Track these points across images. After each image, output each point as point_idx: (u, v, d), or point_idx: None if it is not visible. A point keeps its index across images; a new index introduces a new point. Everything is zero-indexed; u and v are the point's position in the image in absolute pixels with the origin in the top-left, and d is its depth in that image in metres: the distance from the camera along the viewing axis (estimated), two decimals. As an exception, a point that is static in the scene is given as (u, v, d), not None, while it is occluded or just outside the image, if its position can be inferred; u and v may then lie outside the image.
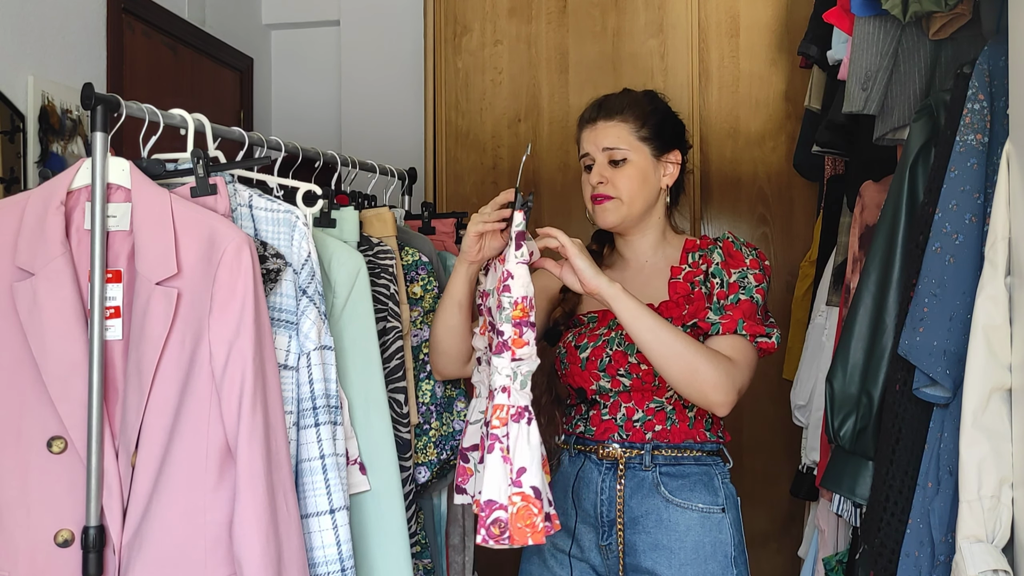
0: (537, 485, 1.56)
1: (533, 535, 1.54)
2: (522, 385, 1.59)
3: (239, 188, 1.63)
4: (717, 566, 1.78)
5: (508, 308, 1.59)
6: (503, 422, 1.57)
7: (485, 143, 3.36)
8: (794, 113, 3.15)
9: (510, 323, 1.58)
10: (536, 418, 1.74)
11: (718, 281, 1.82)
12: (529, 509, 1.54)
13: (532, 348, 1.60)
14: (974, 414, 1.34)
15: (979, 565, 1.29)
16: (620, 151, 1.86)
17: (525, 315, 1.59)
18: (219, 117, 2.11)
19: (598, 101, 1.92)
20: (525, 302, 1.59)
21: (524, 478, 1.55)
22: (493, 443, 1.56)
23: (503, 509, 1.54)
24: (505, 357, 1.58)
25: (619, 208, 1.86)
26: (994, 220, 1.38)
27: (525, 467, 1.56)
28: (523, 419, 1.58)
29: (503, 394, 1.58)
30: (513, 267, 1.60)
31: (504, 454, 1.56)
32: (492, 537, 1.54)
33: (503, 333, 1.59)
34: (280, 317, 1.59)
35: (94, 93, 1.51)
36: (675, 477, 1.81)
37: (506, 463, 1.56)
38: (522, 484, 1.55)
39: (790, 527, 3.14)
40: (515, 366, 1.58)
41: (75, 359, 1.50)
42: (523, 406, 1.58)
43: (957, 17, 1.73)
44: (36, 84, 2.54)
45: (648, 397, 1.82)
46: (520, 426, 1.57)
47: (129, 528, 1.48)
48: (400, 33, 3.94)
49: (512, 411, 1.58)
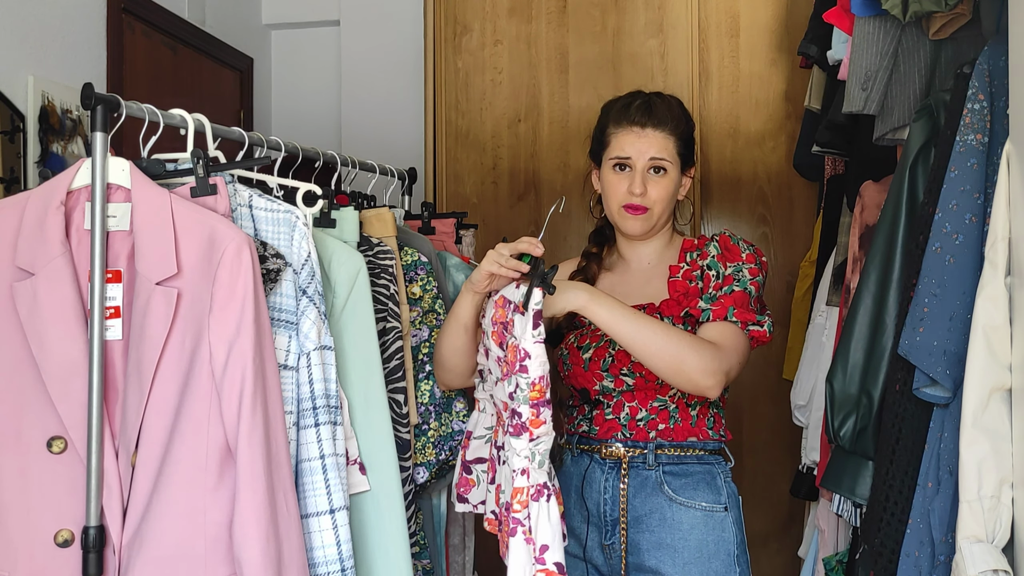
0: (560, 561, 1.56)
1: None
2: (540, 465, 1.58)
3: (239, 188, 1.63)
4: (720, 564, 1.78)
5: (526, 389, 1.55)
6: (524, 505, 1.57)
7: (485, 143, 3.36)
8: (794, 113, 3.16)
9: (527, 404, 1.55)
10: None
11: (713, 273, 1.83)
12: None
13: (549, 425, 1.58)
14: (974, 414, 1.34)
15: (979, 565, 1.29)
16: (664, 162, 1.84)
17: (542, 395, 1.56)
18: (219, 117, 2.11)
19: (644, 104, 1.87)
20: (542, 382, 1.56)
21: (547, 555, 1.56)
22: (516, 527, 1.56)
23: None
24: (523, 439, 1.56)
25: (650, 219, 1.86)
26: (994, 220, 1.38)
27: (548, 545, 1.56)
28: (542, 497, 1.57)
29: (523, 476, 1.57)
30: (530, 347, 1.55)
31: (527, 535, 1.56)
32: None
33: (520, 415, 1.56)
34: (280, 317, 1.59)
35: (94, 93, 1.51)
36: (678, 476, 1.82)
37: (529, 544, 1.56)
38: (545, 561, 1.55)
39: (790, 527, 3.15)
40: (533, 446, 1.57)
41: (75, 359, 1.50)
42: (541, 484, 1.58)
43: (957, 17, 1.73)
44: (36, 84, 2.54)
45: (651, 396, 1.83)
46: (540, 504, 1.57)
47: (129, 528, 1.48)
48: (400, 33, 3.94)
49: (532, 491, 1.57)
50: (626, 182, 1.84)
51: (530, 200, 3.32)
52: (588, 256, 1.97)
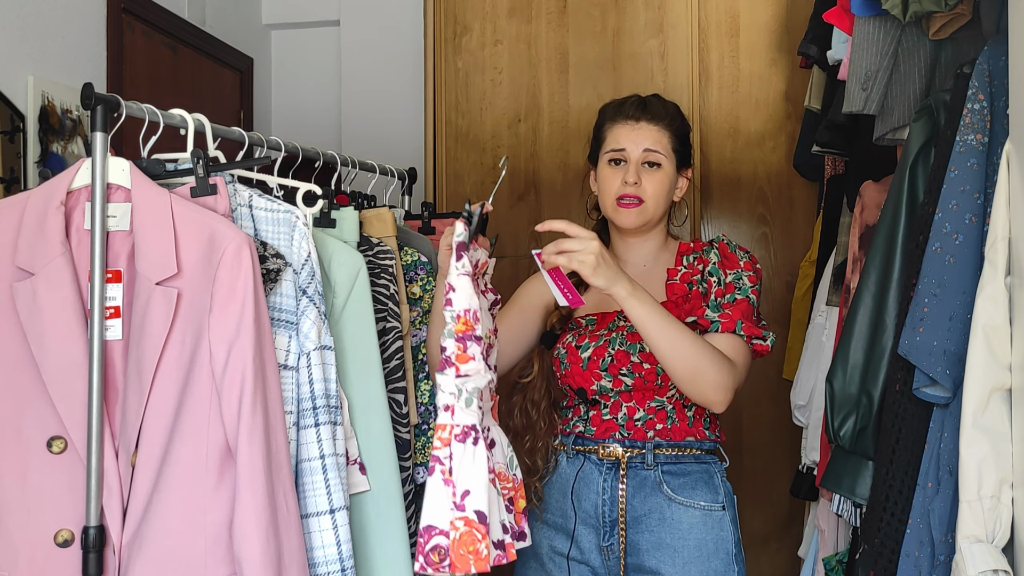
0: (482, 509, 1.47)
1: (476, 562, 1.45)
2: (467, 403, 1.50)
3: (239, 188, 1.63)
4: (719, 563, 1.79)
5: (451, 323, 1.51)
6: (445, 443, 1.48)
7: (485, 143, 3.36)
8: (794, 113, 3.15)
9: (452, 338, 1.51)
10: (532, 426, 1.73)
11: (715, 280, 1.84)
12: (473, 535, 1.45)
13: (479, 363, 1.51)
14: (974, 414, 1.34)
15: (979, 565, 1.29)
16: (659, 155, 1.86)
17: (469, 328, 1.51)
18: (219, 117, 2.11)
19: (639, 101, 1.91)
20: (468, 315, 1.52)
21: (468, 501, 1.46)
22: (434, 465, 1.48)
23: (444, 535, 1.45)
24: (448, 374, 1.50)
25: (644, 212, 1.86)
26: (994, 220, 1.38)
27: (469, 490, 1.47)
28: (469, 438, 1.49)
29: (446, 413, 1.50)
30: (455, 279, 1.53)
31: (445, 476, 1.47)
32: (431, 564, 1.45)
33: (445, 350, 1.51)
34: (280, 317, 1.59)
35: (94, 93, 1.51)
36: (677, 475, 1.82)
37: (448, 485, 1.47)
38: (465, 508, 1.46)
39: (790, 527, 3.14)
40: (460, 383, 1.50)
41: (75, 359, 1.50)
42: (469, 425, 1.50)
43: (957, 17, 1.73)
44: (36, 84, 2.54)
45: (649, 396, 1.83)
46: (465, 446, 1.49)
47: (129, 528, 1.48)
48: (400, 33, 3.94)
49: (456, 431, 1.49)
50: (620, 175, 1.86)
51: (530, 200, 3.32)
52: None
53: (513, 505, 1.63)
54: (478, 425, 1.51)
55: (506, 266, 3.21)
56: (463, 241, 1.56)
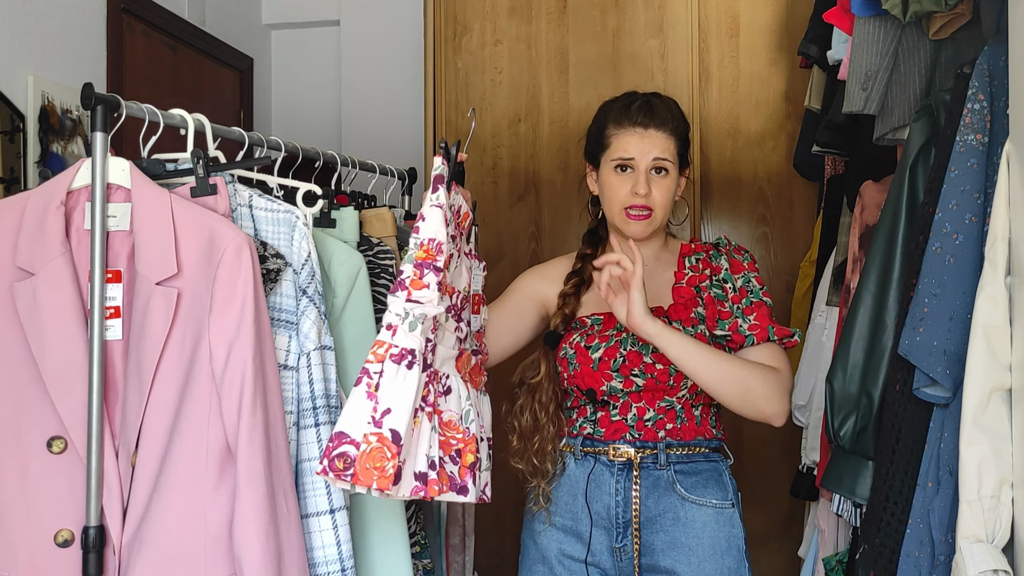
0: (399, 430, 1.47)
1: (380, 479, 1.45)
2: (411, 327, 1.51)
3: (239, 188, 1.63)
4: (732, 560, 1.80)
5: (413, 248, 1.55)
6: (379, 359, 1.49)
7: (485, 143, 3.36)
8: (794, 113, 3.15)
9: (411, 263, 1.54)
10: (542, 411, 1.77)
11: (731, 286, 1.85)
12: (383, 452, 1.45)
13: (433, 293, 1.53)
14: (974, 414, 1.34)
15: (979, 565, 1.29)
16: (667, 162, 1.84)
17: (430, 258, 1.54)
18: (219, 117, 2.11)
19: (645, 104, 1.87)
20: (432, 244, 1.55)
21: (386, 419, 1.47)
22: (362, 377, 1.48)
23: (354, 445, 1.45)
24: (400, 296, 1.52)
25: (653, 222, 1.85)
26: (994, 220, 1.38)
27: (391, 409, 1.47)
28: (404, 361, 1.50)
29: (387, 331, 1.51)
30: (427, 210, 1.57)
31: (370, 390, 1.48)
32: (333, 470, 1.44)
33: (402, 272, 1.54)
34: (280, 317, 1.59)
35: (94, 93, 1.51)
36: (688, 475, 1.82)
37: (370, 399, 1.47)
38: (382, 425, 1.46)
39: (790, 527, 3.14)
40: (409, 307, 1.52)
41: (75, 359, 1.50)
42: (409, 349, 1.51)
43: (957, 17, 1.73)
44: (36, 84, 2.54)
45: (659, 396, 1.82)
46: (399, 368, 1.49)
47: (129, 528, 1.48)
48: (400, 33, 3.94)
49: (394, 351, 1.50)
50: (628, 183, 1.83)
51: (530, 200, 3.32)
52: (583, 257, 1.95)
53: (460, 458, 1.63)
54: (418, 351, 1.52)
55: (506, 266, 3.21)
56: (440, 174, 1.60)
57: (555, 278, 1.95)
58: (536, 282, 1.97)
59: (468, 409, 1.67)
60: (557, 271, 1.97)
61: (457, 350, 1.69)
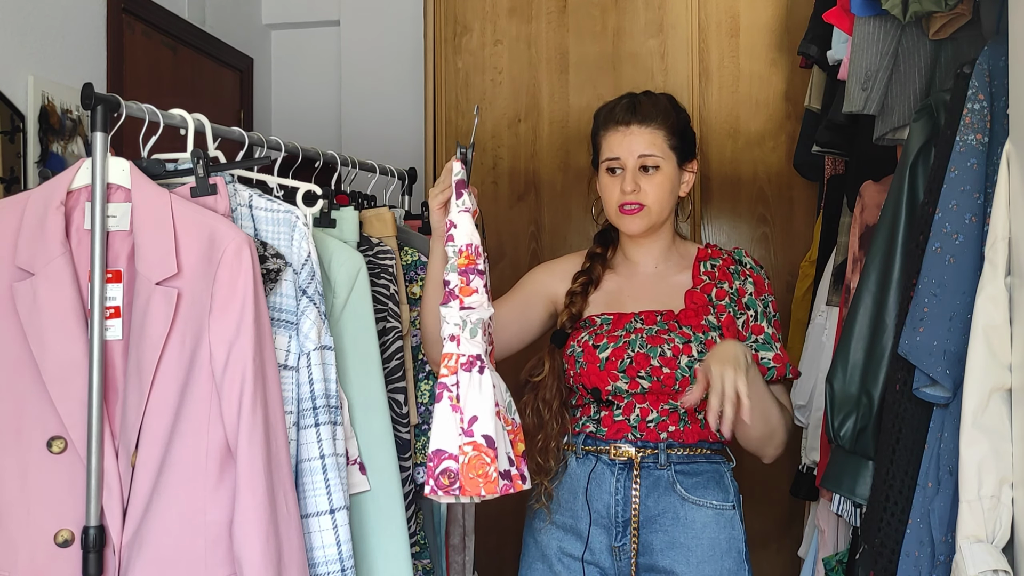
0: (490, 434, 1.51)
1: (486, 485, 1.50)
2: (471, 334, 1.56)
3: (239, 188, 1.63)
4: (732, 562, 1.80)
5: (453, 257, 1.58)
6: (452, 371, 1.54)
7: (485, 143, 3.36)
8: (794, 113, 3.15)
9: (456, 272, 1.57)
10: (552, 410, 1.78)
11: (752, 313, 1.86)
12: (482, 459, 1.50)
13: (482, 296, 1.57)
14: (974, 414, 1.34)
15: (979, 565, 1.29)
16: (654, 158, 1.84)
17: (471, 263, 1.58)
18: (219, 117, 2.11)
19: (629, 103, 1.88)
20: (470, 249, 1.58)
21: (476, 427, 1.51)
22: (442, 392, 1.53)
23: (453, 459, 1.50)
24: (453, 307, 1.56)
25: (648, 216, 1.85)
26: (994, 220, 1.38)
27: (477, 416, 1.52)
28: (475, 368, 1.54)
29: (451, 343, 1.55)
30: (456, 216, 1.60)
31: (453, 403, 1.52)
32: (441, 488, 1.50)
33: (449, 283, 1.57)
34: (280, 317, 1.59)
35: (94, 93, 1.51)
36: (689, 475, 1.82)
37: (455, 412, 1.52)
38: (473, 433, 1.51)
39: (790, 527, 3.14)
40: (464, 315, 1.56)
41: (75, 359, 1.50)
42: (475, 355, 1.55)
43: (957, 17, 1.73)
44: (36, 84, 2.54)
45: (663, 399, 1.82)
46: (472, 375, 1.54)
47: (129, 528, 1.48)
48: (400, 33, 3.94)
49: (463, 360, 1.54)
50: (619, 183, 1.84)
51: (530, 200, 3.32)
52: (593, 257, 1.96)
53: (513, 448, 1.64)
54: (483, 355, 1.56)
55: (506, 266, 3.21)
56: (462, 179, 1.63)
57: (565, 275, 1.95)
58: (546, 277, 1.97)
59: (510, 400, 1.69)
60: (568, 268, 1.97)
61: (490, 344, 1.71)
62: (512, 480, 1.57)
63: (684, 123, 1.91)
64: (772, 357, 1.84)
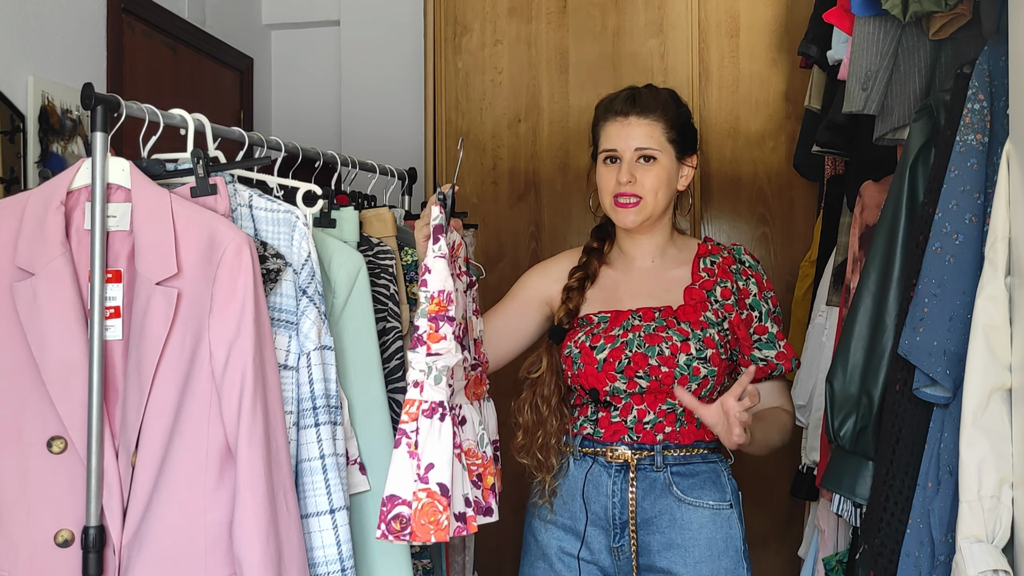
0: (445, 482, 1.53)
1: (436, 532, 1.52)
2: (436, 381, 1.56)
3: (239, 188, 1.63)
4: (729, 561, 1.80)
5: (424, 303, 1.58)
6: (412, 417, 1.55)
7: (485, 143, 3.36)
8: (794, 113, 3.15)
9: (425, 318, 1.57)
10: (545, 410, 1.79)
11: (757, 314, 1.87)
12: (435, 506, 1.52)
13: (450, 343, 1.57)
14: (974, 414, 1.34)
15: (979, 565, 1.29)
16: (652, 150, 1.84)
17: (442, 310, 1.57)
18: (219, 117, 2.11)
19: (628, 95, 1.88)
20: (442, 296, 1.58)
21: (431, 474, 1.53)
22: (400, 438, 1.54)
23: (406, 505, 1.51)
24: (420, 352, 1.56)
25: (643, 209, 1.84)
26: (994, 220, 1.38)
27: (434, 463, 1.53)
28: (436, 415, 1.55)
29: (415, 389, 1.56)
30: (431, 261, 1.59)
31: (411, 449, 1.53)
32: (392, 532, 1.51)
33: (418, 328, 1.57)
34: (280, 317, 1.59)
35: (94, 93, 1.51)
36: (685, 476, 1.82)
37: (412, 458, 1.53)
38: (429, 480, 1.52)
39: (790, 527, 3.14)
40: (431, 361, 1.56)
41: (75, 359, 1.50)
42: (437, 401, 1.56)
43: (957, 17, 1.73)
44: (36, 84, 2.54)
45: (661, 399, 1.82)
46: (432, 422, 1.54)
47: (129, 528, 1.48)
48: (400, 33, 3.94)
49: (424, 407, 1.55)
50: (615, 173, 1.84)
51: (530, 200, 3.32)
52: (589, 251, 1.96)
53: (481, 481, 1.67)
54: (446, 402, 1.56)
55: (506, 266, 3.21)
56: (440, 224, 1.62)
57: (559, 275, 1.95)
58: (539, 280, 1.97)
59: (482, 434, 1.71)
60: (562, 267, 1.96)
61: (465, 379, 1.72)
62: (467, 522, 1.59)
63: (684, 117, 1.90)
64: (775, 355, 1.85)
